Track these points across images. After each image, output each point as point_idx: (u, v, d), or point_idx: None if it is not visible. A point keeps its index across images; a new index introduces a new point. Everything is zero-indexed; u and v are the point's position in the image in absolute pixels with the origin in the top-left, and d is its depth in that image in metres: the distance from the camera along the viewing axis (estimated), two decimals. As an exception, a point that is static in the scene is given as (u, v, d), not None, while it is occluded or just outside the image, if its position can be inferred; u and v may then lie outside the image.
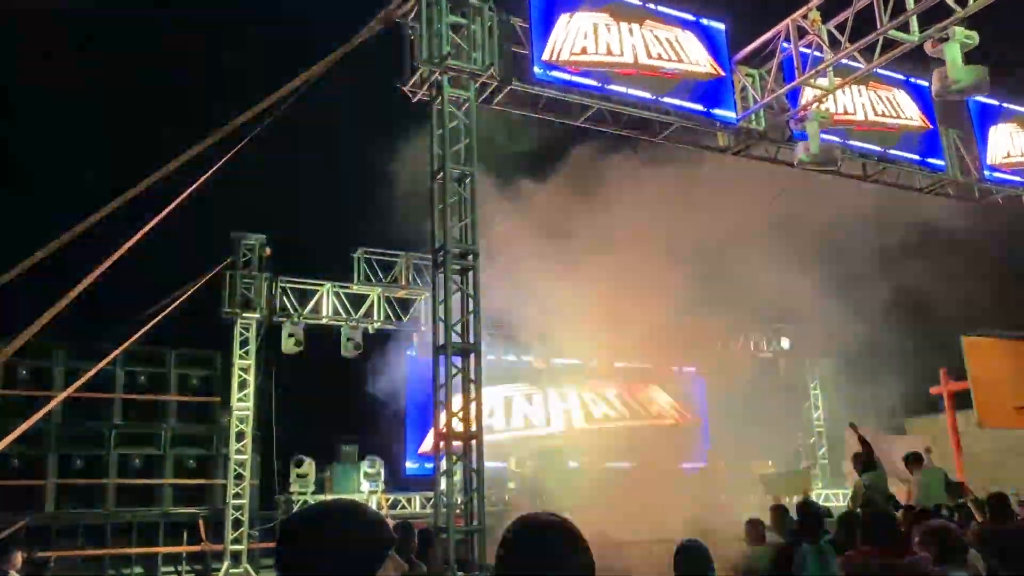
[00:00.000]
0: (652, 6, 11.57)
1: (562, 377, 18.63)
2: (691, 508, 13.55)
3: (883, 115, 12.88)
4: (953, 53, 9.78)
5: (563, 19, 10.92)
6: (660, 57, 11.34)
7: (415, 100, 10.73)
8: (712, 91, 11.73)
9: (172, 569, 15.61)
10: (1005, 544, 7.09)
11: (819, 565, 6.47)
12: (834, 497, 19.04)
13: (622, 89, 11.04)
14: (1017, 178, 14.14)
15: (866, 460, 10.79)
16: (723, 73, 11.83)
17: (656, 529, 11.40)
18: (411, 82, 10.53)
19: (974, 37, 9.90)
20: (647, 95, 11.19)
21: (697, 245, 14.02)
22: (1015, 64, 13.72)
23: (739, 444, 17.01)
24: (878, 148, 12.77)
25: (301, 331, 16.90)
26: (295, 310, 16.87)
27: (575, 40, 10.92)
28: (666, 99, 11.33)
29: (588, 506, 12.30)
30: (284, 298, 16.90)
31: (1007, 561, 6.68)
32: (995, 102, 14.25)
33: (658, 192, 13.72)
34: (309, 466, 16.30)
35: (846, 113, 12.48)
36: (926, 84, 11.99)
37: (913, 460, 11.57)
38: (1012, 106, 14.47)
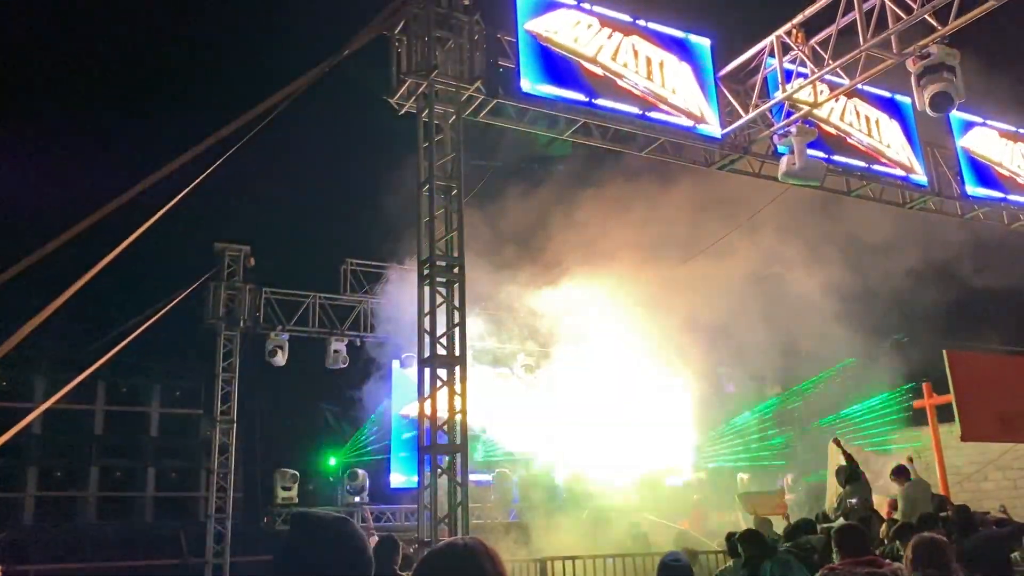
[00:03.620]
0: (642, 23, 11.62)
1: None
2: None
3: (864, 132, 13.00)
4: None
5: (550, 14, 10.99)
6: (638, 73, 11.34)
7: (402, 112, 10.76)
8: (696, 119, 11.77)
9: (153, 583, 15.50)
10: (971, 555, 7.23)
11: (781, 572, 6.60)
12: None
13: (609, 104, 11.08)
14: (998, 193, 14.27)
15: (850, 473, 10.87)
16: (707, 116, 11.83)
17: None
18: (398, 94, 10.56)
19: (956, 54, 10.02)
20: (634, 110, 11.23)
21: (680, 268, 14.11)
22: (996, 79, 13.89)
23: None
24: (861, 164, 12.86)
25: (286, 342, 16.83)
26: (280, 321, 16.80)
27: (552, 23, 10.94)
28: (652, 114, 11.37)
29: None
30: (269, 309, 16.83)
31: (974, 571, 6.77)
32: (977, 119, 14.41)
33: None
34: (293, 479, 16.20)
35: (829, 129, 12.56)
36: (908, 101, 12.10)
37: (899, 473, 11.67)
38: (993, 122, 14.62)
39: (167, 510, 15.93)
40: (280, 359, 16.58)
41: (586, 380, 17.95)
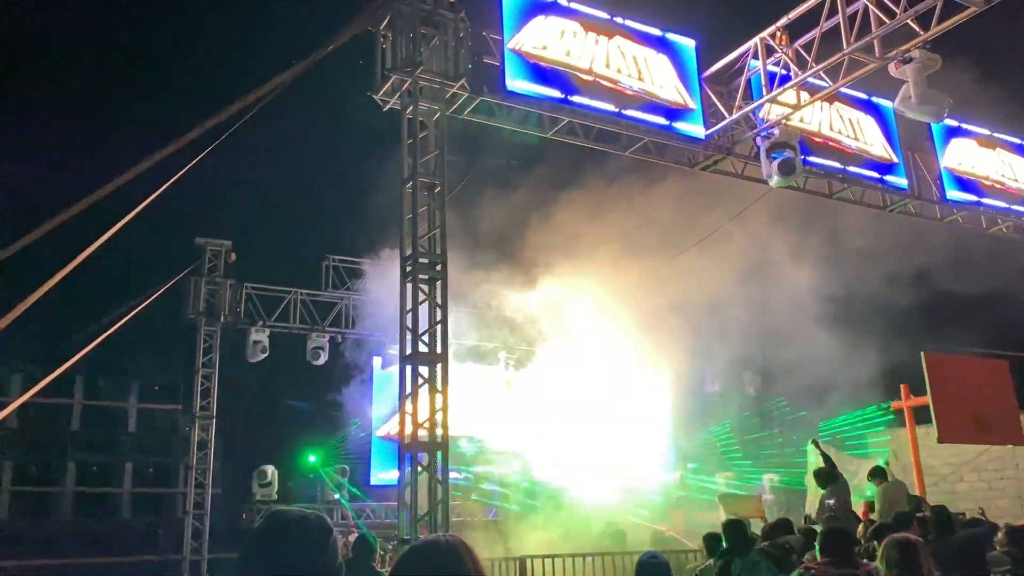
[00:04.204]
0: (620, 20, 11.64)
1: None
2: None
3: (846, 135, 13.10)
4: (916, 77, 9.96)
5: (538, 20, 10.98)
6: (620, 71, 11.39)
7: (386, 109, 10.73)
8: (681, 109, 11.82)
9: (130, 579, 15.37)
10: (950, 556, 7.30)
11: (750, 572, 6.64)
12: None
13: (585, 101, 11.06)
14: (976, 197, 14.42)
15: (828, 474, 10.94)
16: (690, 104, 11.89)
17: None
18: (382, 90, 10.53)
19: (937, 60, 10.12)
20: (610, 107, 11.23)
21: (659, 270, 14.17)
22: (977, 84, 14.03)
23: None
24: (841, 166, 12.95)
25: (266, 338, 16.74)
26: (261, 317, 16.71)
27: (539, 36, 10.96)
28: (629, 111, 11.36)
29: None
30: (249, 305, 16.73)
31: (948, 571, 6.84)
32: (955, 123, 14.54)
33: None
34: (273, 475, 16.13)
35: (811, 131, 12.66)
36: (890, 105, 12.20)
37: (876, 474, 11.77)
38: (971, 127, 14.77)
39: (145, 506, 15.80)
40: (260, 355, 16.50)
41: (568, 379, 17.98)
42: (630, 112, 11.38)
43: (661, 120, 11.60)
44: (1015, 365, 15.43)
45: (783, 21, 11.25)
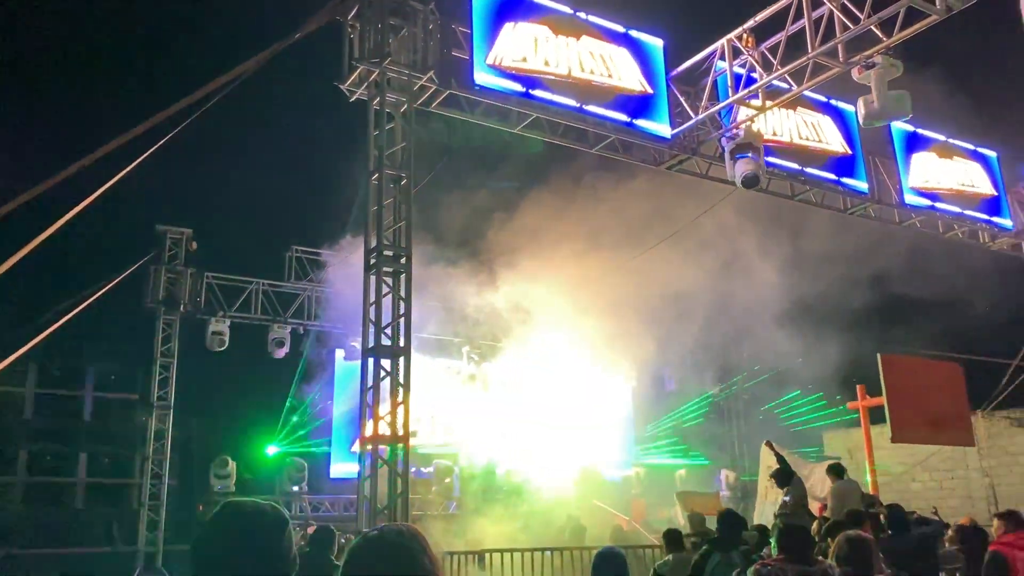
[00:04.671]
0: (583, 16, 11.65)
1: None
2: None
3: (808, 138, 13.27)
4: (878, 83, 10.11)
5: (507, 28, 10.96)
6: (593, 72, 11.45)
7: (352, 99, 10.66)
8: (644, 106, 11.88)
9: (83, 573, 15.09)
10: (903, 553, 7.49)
11: (723, 569, 6.68)
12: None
13: (547, 95, 11.03)
14: (935, 203, 14.69)
15: (783, 475, 11.12)
16: (650, 90, 11.96)
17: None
18: (349, 80, 10.45)
19: (899, 66, 10.27)
20: (572, 102, 11.21)
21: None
22: (936, 90, 14.30)
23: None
24: (802, 168, 13.11)
25: (227, 328, 16.54)
26: (222, 307, 16.51)
27: (517, 48, 10.98)
28: (591, 107, 11.36)
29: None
30: (210, 294, 16.51)
31: (902, 568, 7.01)
32: (918, 130, 14.82)
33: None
34: (231, 467, 15.95)
35: (774, 134, 12.81)
36: (851, 109, 12.40)
37: (834, 472, 11.96)
38: (931, 133, 15.05)
39: (99, 497, 15.53)
40: (221, 345, 16.29)
41: (531, 373, 18.04)
42: (592, 108, 11.38)
43: (623, 116, 11.61)
44: (968, 368, 15.82)
45: (750, 24, 11.37)
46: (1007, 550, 7.95)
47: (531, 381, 18.03)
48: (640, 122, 11.77)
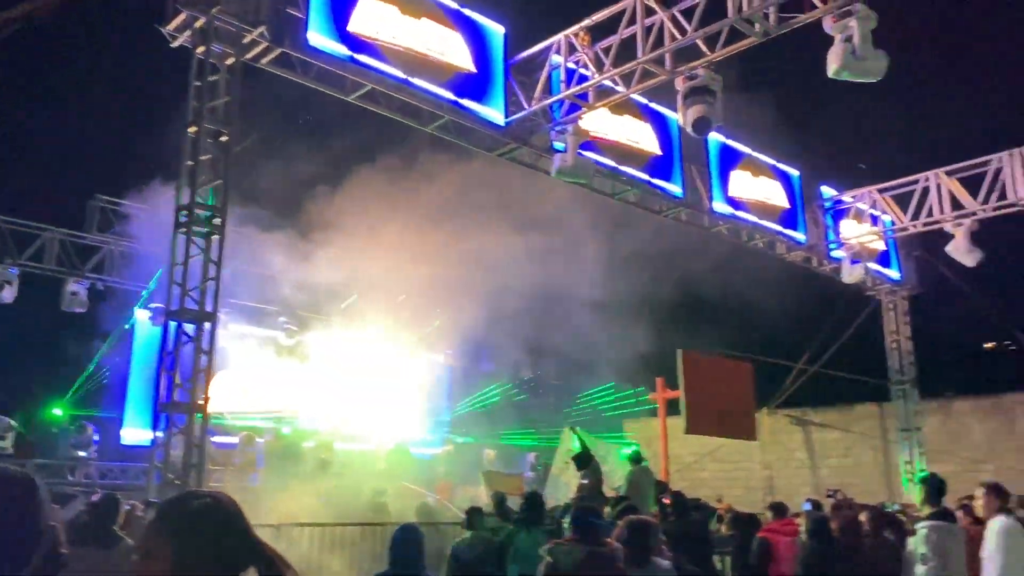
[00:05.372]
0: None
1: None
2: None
3: (630, 139, 13.82)
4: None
5: (361, 3, 10.72)
6: (429, 49, 11.38)
7: (174, 44, 10.01)
8: (477, 90, 11.93)
9: None
10: (681, 535, 8.09)
11: (528, 546, 6.91)
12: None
13: (371, 62, 10.79)
14: (741, 213, 15.72)
15: (582, 459, 11.66)
16: (475, 70, 11.97)
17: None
18: (172, 24, 9.81)
19: (719, 80, 10.86)
20: (399, 73, 11.03)
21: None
22: (757, 111, 15.30)
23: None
24: (624, 168, 13.64)
25: (15, 277, 15.17)
26: (11, 254, 15.10)
27: (360, 19, 10.73)
28: (418, 80, 11.20)
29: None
30: (-1, 239, 15.07)
31: (684, 552, 7.55)
32: (731, 142, 15.78)
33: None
34: (7, 428, 14.67)
35: (601, 131, 13.21)
36: (674, 116, 13.04)
37: (632, 459, 12.63)
38: (742, 147, 16.07)
39: None
40: (7, 295, 14.92)
41: (346, 348, 17.76)
42: (420, 82, 11.22)
43: (450, 95, 11.57)
44: (757, 369, 17.16)
45: (587, 23, 11.68)
46: (772, 536, 8.81)
47: (347, 355, 17.74)
48: (471, 104, 11.79)
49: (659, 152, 14.24)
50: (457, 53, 11.78)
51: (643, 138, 14.02)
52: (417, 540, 5.33)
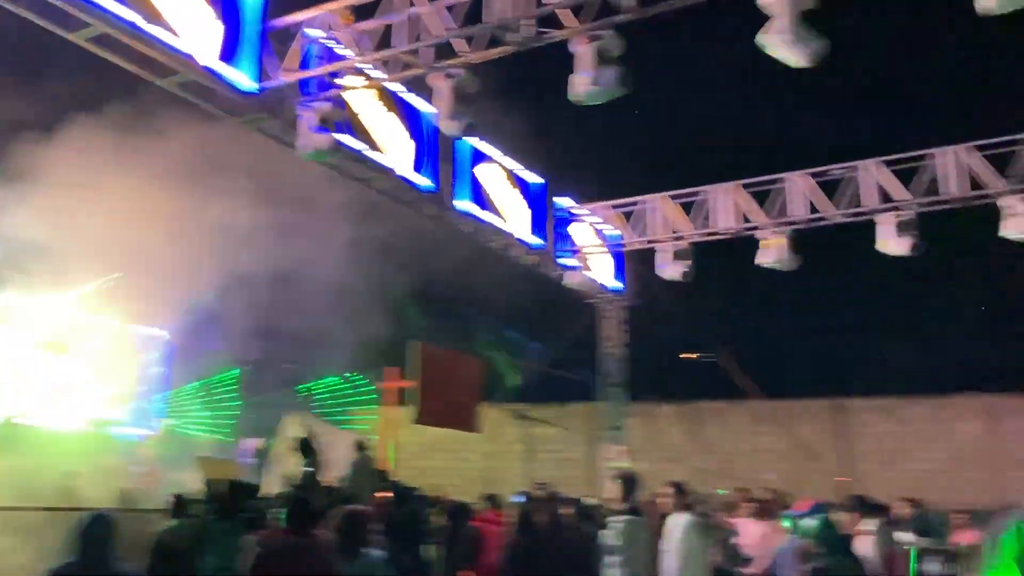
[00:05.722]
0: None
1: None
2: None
3: (385, 127, 13.68)
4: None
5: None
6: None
7: None
8: (227, 50, 11.23)
9: None
10: (399, 525, 8.31)
11: (224, 535, 6.69)
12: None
13: (103, 2, 9.67)
14: (481, 213, 16.13)
15: (304, 447, 11.58)
16: (223, 27, 11.22)
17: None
18: None
19: (475, 84, 10.96)
20: (135, 18, 9.99)
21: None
22: (511, 118, 15.82)
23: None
24: (372, 156, 13.48)
25: None
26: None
27: None
28: (151, 29, 10.20)
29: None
30: None
31: (399, 541, 7.73)
32: (482, 144, 16.18)
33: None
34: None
35: (353, 113, 12.89)
36: (429, 109, 13.14)
37: (357, 446, 12.65)
38: (491, 150, 16.55)
39: None
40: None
41: (40, 314, 16.00)
42: (153, 31, 10.20)
43: (192, 50, 10.74)
44: (487, 364, 17.90)
45: (351, 1, 11.40)
46: (483, 526, 9.28)
47: (43, 322, 15.96)
48: (216, 65, 11.06)
49: (412, 143, 14.25)
50: (202, 10, 10.98)
51: (396, 128, 13.94)
52: (107, 527, 5.01)
